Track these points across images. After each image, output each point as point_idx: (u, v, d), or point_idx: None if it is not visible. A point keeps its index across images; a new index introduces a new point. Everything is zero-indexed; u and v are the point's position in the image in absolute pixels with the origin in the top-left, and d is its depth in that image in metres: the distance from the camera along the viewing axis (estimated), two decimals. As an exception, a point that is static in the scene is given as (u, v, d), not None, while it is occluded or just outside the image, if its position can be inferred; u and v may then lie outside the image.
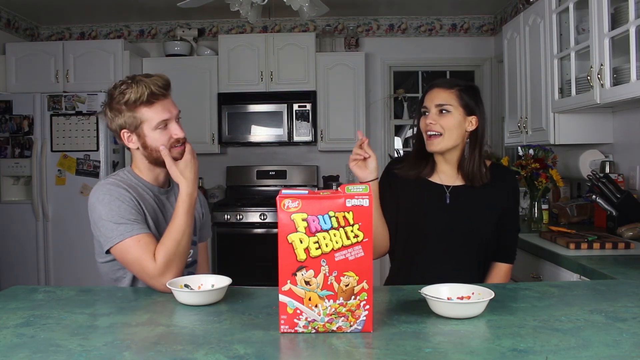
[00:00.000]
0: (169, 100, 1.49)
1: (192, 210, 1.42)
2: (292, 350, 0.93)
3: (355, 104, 4.36)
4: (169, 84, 1.49)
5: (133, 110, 1.44)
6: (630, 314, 1.07)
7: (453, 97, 1.60)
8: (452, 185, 1.65)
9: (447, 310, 1.05)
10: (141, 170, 1.53)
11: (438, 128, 1.59)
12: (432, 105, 1.61)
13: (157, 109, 1.45)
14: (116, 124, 1.48)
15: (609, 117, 2.77)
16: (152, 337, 0.96)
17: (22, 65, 4.15)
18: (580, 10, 2.47)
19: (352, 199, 0.96)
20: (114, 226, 1.37)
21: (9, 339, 0.95)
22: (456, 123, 1.59)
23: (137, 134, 1.47)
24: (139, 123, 1.45)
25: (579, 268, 1.79)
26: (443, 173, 1.66)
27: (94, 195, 1.44)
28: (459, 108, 1.59)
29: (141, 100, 1.43)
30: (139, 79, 1.45)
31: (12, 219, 3.96)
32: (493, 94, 4.63)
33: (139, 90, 1.42)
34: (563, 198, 3.13)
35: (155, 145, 1.46)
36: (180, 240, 1.37)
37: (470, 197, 1.62)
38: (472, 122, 1.61)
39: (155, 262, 1.33)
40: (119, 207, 1.39)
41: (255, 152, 4.74)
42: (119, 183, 1.45)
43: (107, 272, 1.50)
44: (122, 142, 1.50)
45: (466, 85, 1.63)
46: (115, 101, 1.45)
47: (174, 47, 4.51)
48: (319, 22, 4.67)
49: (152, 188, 1.53)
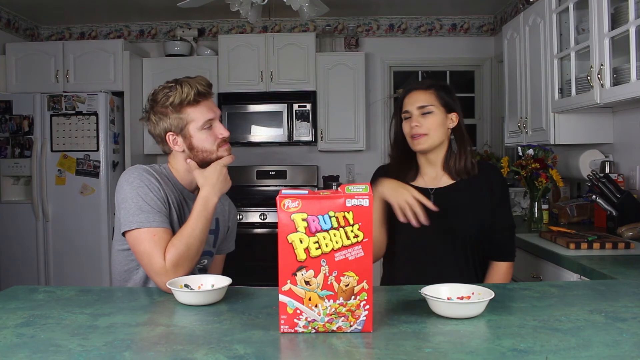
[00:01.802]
0: (212, 101, 1.51)
1: (207, 215, 1.40)
2: (292, 350, 0.93)
3: (355, 104, 4.36)
4: (211, 85, 1.51)
5: (179, 112, 1.45)
6: (630, 314, 1.07)
7: (432, 97, 1.64)
8: (435, 187, 1.66)
9: (447, 310, 1.05)
10: (178, 171, 1.53)
11: (424, 130, 1.62)
12: (413, 108, 1.64)
13: (203, 109, 1.46)
14: (161, 127, 1.48)
15: (609, 117, 2.77)
16: (152, 337, 0.97)
17: (22, 65, 4.15)
18: (580, 10, 2.47)
19: (352, 199, 0.96)
20: (136, 211, 1.37)
21: (9, 339, 0.95)
22: (439, 122, 1.63)
23: (183, 136, 1.47)
24: (185, 124, 1.46)
25: (579, 268, 1.79)
26: (427, 175, 1.69)
27: (125, 176, 1.43)
28: (440, 107, 1.64)
29: (188, 100, 1.44)
30: (182, 80, 1.46)
31: (12, 219, 3.96)
32: (493, 94, 4.63)
33: (185, 90, 1.44)
34: (563, 198, 3.13)
35: (202, 146, 1.47)
36: (191, 244, 1.36)
37: (455, 197, 1.64)
38: (452, 119, 1.66)
39: (164, 260, 1.33)
40: (146, 194, 1.39)
41: (255, 152, 4.74)
42: (152, 172, 1.45)
43: (120, 261, 1.49)
44: (167, 145, 1.50)
45: (440, 85, 1.68)
46: (160, 104, 1.46)
47: (174, 47, 4.51)
48: (319, 22, 4.67)
49: (182, 189, 1.53)
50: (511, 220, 1.70)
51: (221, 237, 1.64)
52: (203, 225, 1.39)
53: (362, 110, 4.36)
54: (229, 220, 1.68)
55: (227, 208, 1.68)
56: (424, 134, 1.62)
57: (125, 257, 1.48)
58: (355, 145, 4.37)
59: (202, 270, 1.59)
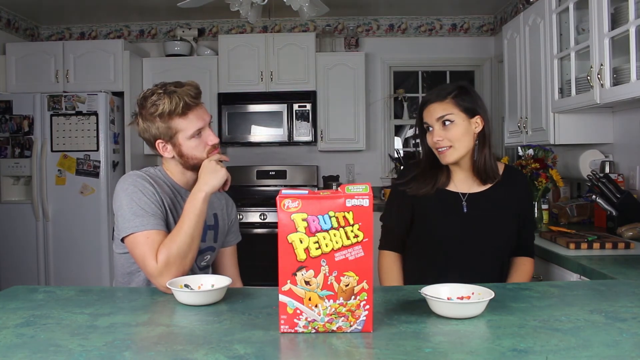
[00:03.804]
0: (201, 108, 1.49)
1: (196, 211, 1.39)
2: (292, 350, 0.93)
3: (355, 104, 4.36)
4: (200, 92, 1.49)
5: (167, 122, 1.45)
6: (630, 314, 1.07)
7: (451, 105, 1.56)
8: (468, 192, 1.63)
9: (447, 310, 1.05)
10: (173, 173, 1.54)
11: (446, 143, 1.56)
12: (433, 121, 1.58)
13: (192, 118, 1.46)
14: (150, 134, 1.49)
15: (609, 117, 2.77)
16: (152, 337, 0.96)
17: (22, 65, 4.15)
18: (580, 10, 2.47)
19: (352, 199, 0.95)
20: (131, 217, 1.38)
21: (9, 339, 0.95)
22: (463, 131, 1.56)
23: (173, 144, 1.48)
24: (174, 133, 1.46)
25: (579, 268, 1.79)
26: (459, 181, 1.65)
27: (120, 184, 1.45)
28: (461, 114, 1.56)
29: (176, 112, 1.43)
30: (170, 89, 1.44)
31: (12, 219, 3.96)
32: (493, 94, 4.63)
33: (173, 101, 1.42)
34: (563, 198, 3.13)
35: (192, 153, 1.48)
36: (182, 241, 1.36)
37: (488, 202, 1.62)
38: (477, 122, 1.59)
39: (156, 261, 1.33)
40: (140, 198, 1.40)
41: (255, 152, 4.74)
42: (146, 177, 1.46)
43: (122, 264, 1.50)
44: (157, 151, 1.51)
45: (458, 89, 1.59)
46: (148, 112, 1.46)
47: (174, 47, 4.51)
48: (319, 22, 4.67)
49: (179, 189, 1.54)
50: (535, 223, 1.73)
51: (222, 232, 1.64)
52: (193, 222, 1.38)
53: (362, 110, 4.36)
54: (228, 213, 1.68)
55: (225, 202, 1.69)
56: (448, 146, 1.56)
57: (126, 260, 1.49)
58: (355, 145, 4.37)
59: (206, 267, 1.60)
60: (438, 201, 1.63)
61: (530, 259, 1.71)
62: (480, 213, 1.61)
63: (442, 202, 1.63)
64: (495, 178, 1.62)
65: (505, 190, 1.64)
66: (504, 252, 1.65)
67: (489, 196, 1.63)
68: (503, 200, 1.63)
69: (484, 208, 1.61)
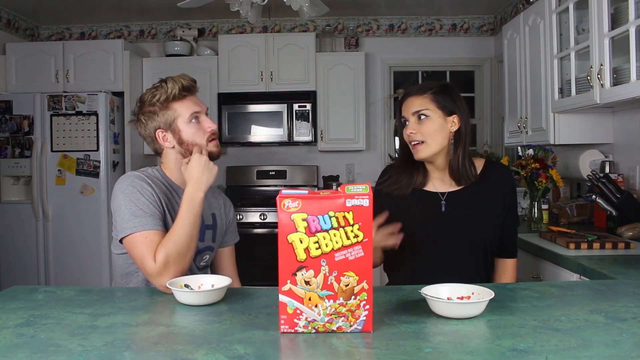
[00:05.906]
0: (197, 96, 1.57)
1: (194, 210, 1.40)
2: (292, 350, 0.93)
3: (355, 104, 4.36)
4: (195, 81, 1.57)
5: (166, 108, 1.50)
6: (630, 314, 1.07)
7: (428, 101, 1.58)
8: (447, 191, 1.63)
9: (447, 310, 1.05)
10: (171, 171, 1.56)
11: (419, 137, 1.57)
12: (409, 114, 1.59)
13: (189, 103, 1.52)
14: (150, 126, 1.53)
15: (609, 117, 2.77)
16: (152, 337, 0.96)
17: (22, 65, 4.15)
18: (580, 10, 2.47)
19: (352, 199, 0.96)
20: (130, 217, 1.38)
21: (9, 339, 0.95)
22: (437, 127, 1.57)
23: (172, 131, 1.52)
24: (173, 119, 1.51)
25: (579, 268, 1.80)
26: (437, 180, 1.65)
27: (118, 185, 1.46)
28: (437, 111, 1.57)
29: (173, 94, 1.49)
30: (167, 78, 1.53)
31: (12, 219, 3.96)
32: (493, 94, 4.63)
33: (169, 86, 1.50)
34: (563, 198, 3.13)
35: (192, 139, 1.51)
36: (180, 241, 1.36)
37: (467, 201, 1.61)
38: (454, 121, 1.59)
39: (154, 261, 1.33)
40: (138, 199, 1.41)
41: (255, 152, 4.74)
42: (143, 177, 1.47)
43: (121, 264, 1.51)
44: (158, 143, 1.54)
45: (439, 87, 1.60)
46: (148, 104, 1.51)
47: (174, 47, 4.51)
48: (319, 22, 4.67)
49: (176, 188, 1.54)
50: (518, 220, 1.71)
51: (220, 231, 1.64)
52: (191, 221, 1.39)
53: (362, 110, 4.36)
54: (226, 213, 1.69)
55: (222, 202, 1.69)
56: (421, 141, 1.57)
57: (125, 261, 1.49)
58: (355, 145, 4.37)
59: (205, 267, 1.60)
60: (416, 201, 1.63)
61: (513, 260, 1.69)
62: (459, 212, 1.59)
63: (420, 202, 1.63)
64: (470, 180, 1.60)
65: (486, 188, 1.62)
66: (486, 252, 1.62)
67: (469, 195, 1.61)
68: (484, 199, 1.61)
69: (463, 207, 1.60)
